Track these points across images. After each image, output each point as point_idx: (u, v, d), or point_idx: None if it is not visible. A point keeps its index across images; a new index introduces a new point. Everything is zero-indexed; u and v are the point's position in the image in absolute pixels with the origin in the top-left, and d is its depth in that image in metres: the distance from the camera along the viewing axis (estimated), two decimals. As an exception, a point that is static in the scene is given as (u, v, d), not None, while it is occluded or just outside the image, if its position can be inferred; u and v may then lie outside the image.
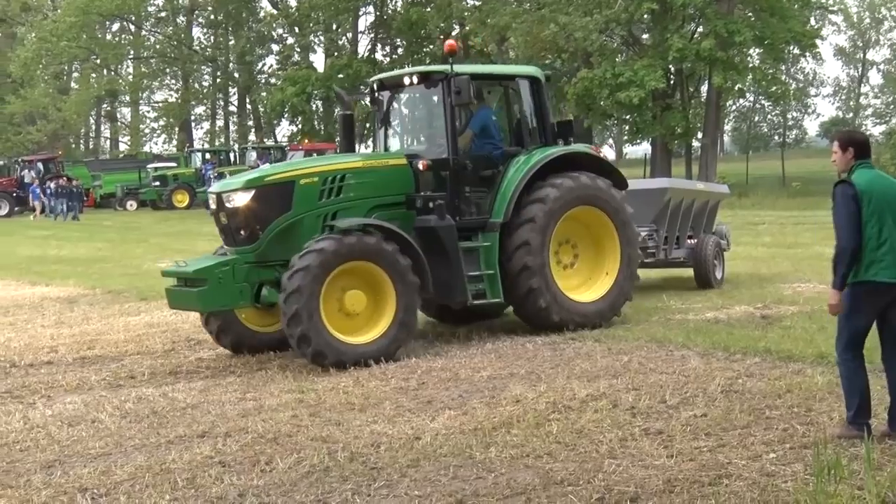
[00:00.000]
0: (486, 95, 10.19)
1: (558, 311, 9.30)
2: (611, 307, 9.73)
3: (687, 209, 12.44)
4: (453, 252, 8.89)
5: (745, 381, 7.08)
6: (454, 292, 9.00)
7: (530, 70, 10.28)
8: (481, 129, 9.68)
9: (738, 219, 24.98)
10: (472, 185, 9.41)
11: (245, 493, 4.98)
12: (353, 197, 8.92)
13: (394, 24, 51.18)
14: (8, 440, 6.24)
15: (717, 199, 13.51)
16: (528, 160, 9.46)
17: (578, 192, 9.49)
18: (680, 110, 38.84)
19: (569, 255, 9.82)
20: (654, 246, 11.97)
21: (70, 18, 47.50)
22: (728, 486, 4.83)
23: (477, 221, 9.30)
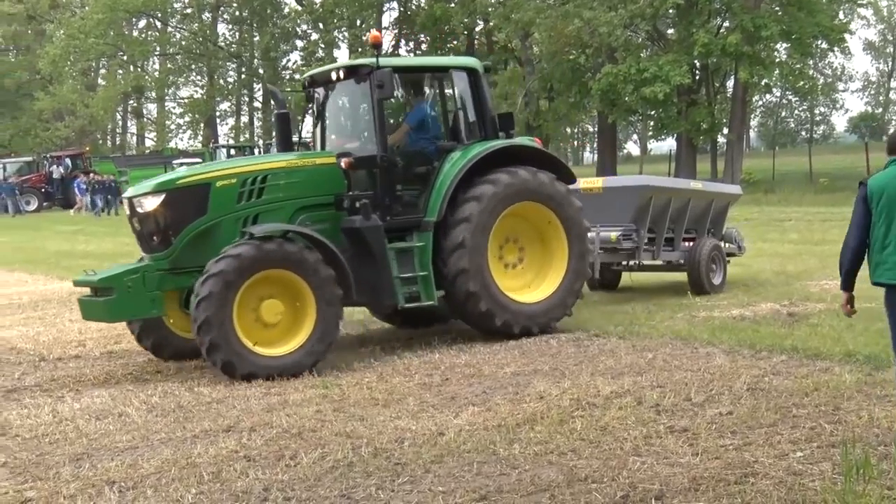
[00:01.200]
0: (424, 89, 9.72)
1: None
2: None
3: (680, 210, 11.73)
4: (380, 253, 8.46)
5: (772, 379, 7.03)
6: (382, 295, 8.60)
7: (467, 61, 9.78)
8: (417, 124, 9.29)
9: (763, 215, 24.80)
10: (406, 183, 8.99)
11: (270, 488, 5.01)
12: (276, 199, 8.49)
13: (417, 20, 51.18)
14: (37, 433, 6.31)
15: (725, 199, 12.72)
16: (464, 155, 9.00)
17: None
18: (705, 106, 38.59)
19: (514, 253, 9.40)
20: (633, 247, 11.32)
21: (98, 15, 47.88)
22: (754, 485, 4.80)
23: (411, 221, 8.85)
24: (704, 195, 12.22)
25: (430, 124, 9.37)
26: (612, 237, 11.08)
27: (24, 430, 6.39)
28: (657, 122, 42.07)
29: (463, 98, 9.56)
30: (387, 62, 8.77)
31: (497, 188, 8.89)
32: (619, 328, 9.39)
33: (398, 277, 8.55)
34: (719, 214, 12.47)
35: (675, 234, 11.83)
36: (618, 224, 11.15)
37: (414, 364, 8.16)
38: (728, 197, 12.88)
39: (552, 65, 40.89)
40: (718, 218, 12.46)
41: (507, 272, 9.27)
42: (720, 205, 12.47)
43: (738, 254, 12.67)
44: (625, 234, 11.20)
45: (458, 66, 9.56)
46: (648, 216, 11.34)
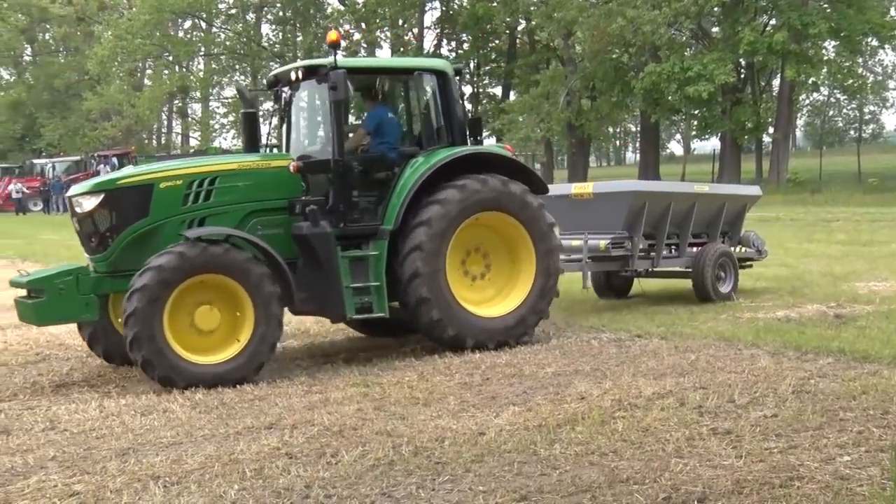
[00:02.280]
0: (385, 91, 9.16)
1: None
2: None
3: (683, 214, 11.18)
4: (329, 262, 8.09)
5: (818, 381, 6.92)
6: (331, 305, 8.22)
7: (435, 63, 9.24)
8: (376, 129, 8.82)
9: (810, 215, 24.46)
10: (364, 189, 8.57)
11: (311, 485, 5.04)
12: (225, 202, 8.15)
13: (459, 20, 51.19)
14: (85, 427, 6.42)
15: (741, 202, 12.03)
16: (426, 161, 8.55)
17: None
18: (750, 105, 38.20)
19: (479, 265, 8.94)
20: (626, 255, 10.79)
21: (144, 17, 48.60)
22: (800, 489, 4.73)
23: (368, 228, 8.45)
24: (712, 198, 11.65)
25: (391, 129, 8.88)
26: (601, 245, 10.60)
27: (72, 425, 6.50)
28: (701, 121, 41.71)
29: (430, 101, 9.07)
30: (345, 63, 8.38)
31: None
32: (662, 329, 9.31)
33: (350, 287, 8.16)
34: (736, 217, 11.93)
35: (679, 239, 11.35)
36: (609, 231, 10.71)
37: (454, 363, 8.16)
38: (744, 199, 12.18)
39: (594, 64, 40.71)
40: (735, 221, 11.94)
41: (471, 283, 8.87)
42: (735, 207, 11.88)
43: (757, 258, 12.07)
44: (615, 241, 10.67)
45: (425, 69, 9.03)
46: (642, 222, 10.76)
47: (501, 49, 54.88)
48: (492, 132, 52.06)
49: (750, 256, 11.89)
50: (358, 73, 8.86)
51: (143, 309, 7.28)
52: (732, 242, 11.80)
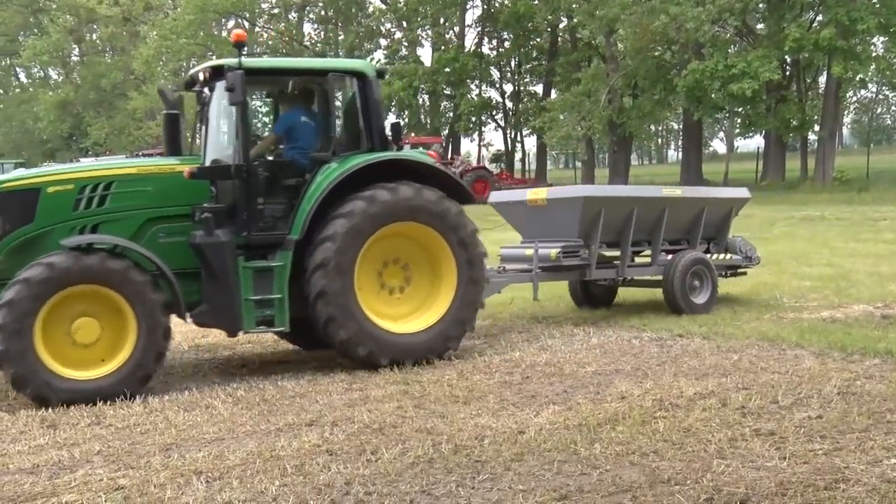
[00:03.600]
0: (298, 94, 8.63)
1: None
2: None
3: (651, 220, 10.46)
4: (224, 272, 7.67)
5: (864, 382, 6.81)
6: (226, 318, 7.80)
7: (353, 64, 8.73)
8: (287, 132, 8.41)
9: (856, 214, 24.04)
10: (273, 196, 8.10)
11: (351, 482, 5.07)
12: (121, 208, 7.76)
13: (500, 18, 51.12)
14: (129, 423, 6.52)
15: (725, 206, 11.19)
16: (339, 168, 8.02)
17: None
18: (796, 102, 37.68)
19: (398, 277, 8.39)
20: (581, 264, 10.12)
21: (189, 17, 49.21)
22: (845, 492, 4.66)
23: (275, 238, 7.95)
24: (686, 203, 10.82)
25: (303, 133, 8.41)
26: (551, 254, 9.95)
27: (117, 420, 6.61)
28: (745, 119, 41.25)
29: (347, 105, 8.63)
30: (250, 63, 7.98)
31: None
32: (703, 328, 9.22)
33: (251, 299, 7.72)
34: (720, 222, 11.18)
35: (651, 247, 10.65)
36: (563, 239, 10.09)
37: (494, 362, 8.16)
38: (728, 202, 11.29)
39: (636, 61, 40.42)
40: (720, 226, 11.19)
41: (390, 297, 8.36)
42: (718, 212, 11.09)
43: (745, 265, 11.28)
44: (566, 250, 10.00)
45: (340, 70, 8.49)
46: (599, 229, 10.05)
47: (543, 47, 54.72)
48: (532, 130, 51.97)
49: (737, 264, 11.18)
50: (266, 75, 8.50)
51: (11, 325, 6.89)
52: (719, 249, 11.16)
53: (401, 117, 55.13)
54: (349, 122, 8.57)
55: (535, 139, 54.67)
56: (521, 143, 59.03)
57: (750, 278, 12.94)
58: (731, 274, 11.26)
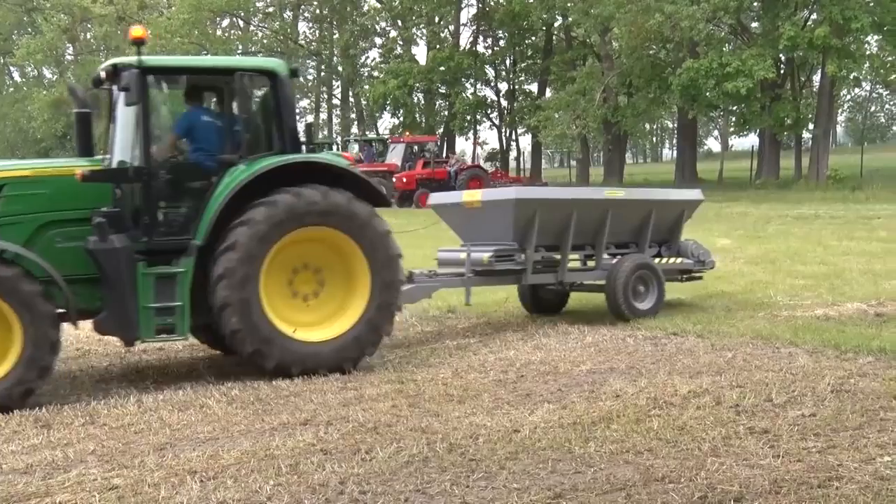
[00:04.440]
0: (204, 93, 8.37)
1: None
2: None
3: (594, 223, 10.07)
4: (119, 279, 7.36)
5: (858, 380, 6.83)
6: (122, 326, 7.49)
7: (263, 63, 8.44)
8: (190, 134, 8.11)
9: (850, 213, 24.10)
10: (177, 200, 7.87)
11: (346, 481, 5.07)
12: (13, 212, 7.42)
13: (495, 16, 51.14)
14: (123, 422, 6.51)
15: (675, 208, 10.82)
16: (246, 170, 7.71)
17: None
18: (790, 100, 37.74)
19: (310, 284, 8.06)
20: (516, 269, 9.72)
21: (183, 15, 49.17)
22: (839, 489, 4.67)
23: (178, 243, 7.65)
24: (631, 205, 10.43)
25: (209, 134, 8.10)
26: (483, 258, 9.59)
27: (111, 420, 6.59)
28: (739, 117, 41.29)
29: (257, 105, 8.36)
30: (151, 62, 7.70)
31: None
32: (698, 327, 9.24)
33: (151, 307, 7.43)
34: (671, 225, 10.78)
35: (595, 250, 10.28)
36: (497, 242, 9.70)
37: (489, 361, 8.16)
38: (678, 205, 10.90)
39: (632, 60, 40.47)
40: (672, 229, 10.79)
41: (302, 305, 8.05)
42: (668, 214, 10.71)
43: (699, 269, 10.88)
44: (499, 253, 9.61)
45: (248, 69, 8.12)
46: (534, 232, 9.66)
47: (538, 46, 54.75)
48: (527, 129, 52.01)
49: (689, 268, 10.79)
50: (170, 74, 8.21)
51: None
52: (670, 253, 10.80)
53: (396, 116, 55.18)
54: (260, 123, 8.27)
55: (530, 138, 54.68)
56: (516, 142, 59.08)
57: (744, 276, 12.98)
58: (686, 278, 10.94)
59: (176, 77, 8.33)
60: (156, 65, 7.88)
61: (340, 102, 63.58)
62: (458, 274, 9.84)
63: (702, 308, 10.56)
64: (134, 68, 7.42)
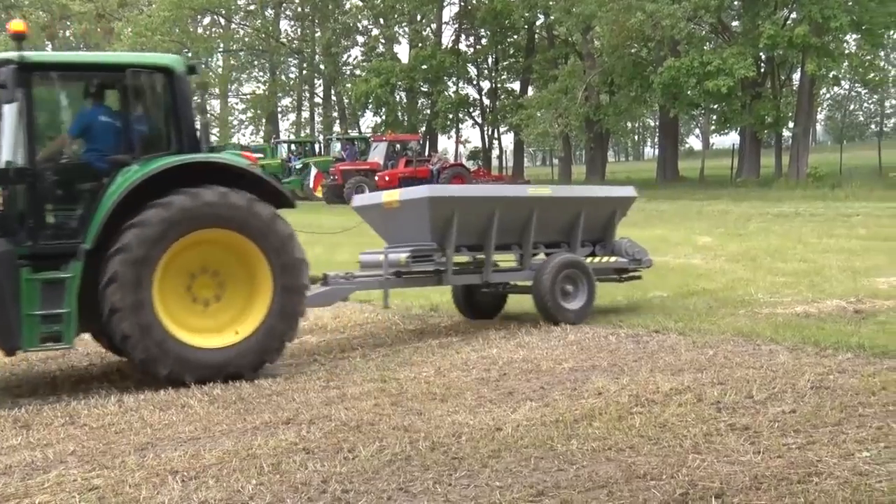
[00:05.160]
0: (96, 91, 7.96)
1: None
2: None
3: (519, 222, 9.73)
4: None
5: (837, 377, 6.88)
6: (3, 335, 7.06)
7: (158, 60, 8.05)
8: (82, 133, 7.78)
9: (830, 210, 24.28)
10: (66, 202, 7.52)
11: (328, 480, 5.06)
12: None
13: (478, 15, 51.17)
14: (104, 422, 6.47)
15: (607, 206, 10.47)
16: (140, 170, 7.41)
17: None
18: (770, 99, 37.96)
19: (210, 288, 7.73)
20: (435, 270, 9.37)
21: (164, 13, 48.91)
22: (818, 485, 4.71)
23: (67, 247, 7.27)
24: (559, 203, 10.12)
25: (102, 133, 7.75)
26: (401, 259, 9.24)
27: (91, 420, 6.55)
28: (720, 115, 41.51)
29: (153, 103, 7.98)
30: (36, 57, 7.38)
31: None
32: (680, 324, 9.28)
33: (36, 314, 7.06)
34: (605, 223, 10.43)
35: (522, 250, 9.91)
36: (415, 243, 9.37)
37: (472, 359, 8.17)
38: (610, 203, 10.54)
39: (613, 58, 40.62)
40: (606, 228, 10.45)
41: (203, 310, 7.73)
42: (600, 213, 10.36)
43: (633, 269, 10.61)
44: (416, 254, 9.27)
45: (142, 65, 7.80)
46: (453, 232, 9.31)
47: (520, 44, 54.83)
48: (509, 127, 52.07)
49: (623, 267, 10.50)
50: (57, 70, 7.78)
51: None
52: (605, 252, 10.46)
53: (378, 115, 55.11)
54: (156, 122, 7.96)
55: (513, 136, 54.76)
56: (498, 141, 59.14)
57: (725, 274, 13.05)
58: (625, 278, 10.72)
59: (67, 74, 7.89)
60: (39, 61, 7.49)
61: (322, 101, 63.40)
62: (376, 275, 9.48)
63: (683, 305, 10.61)
64: (12, 64, 7.10)
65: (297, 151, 45.48)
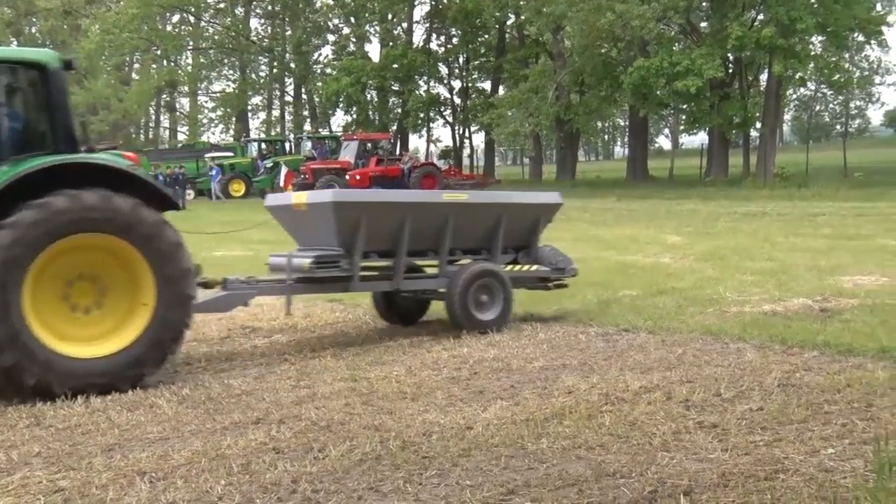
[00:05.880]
0: None
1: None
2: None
3: (433, 228, 9.29)
4: None
5: (803, 374, 6.96)
6: None
7: (29, 54, 7.63)
8: None
9: (796, 210, 24.57)
10: None
11: (298, 480, 5.03)
12: None
13: (449, 14, 51.21)
14: (70, 423, 6.39)
15: (529, 213, 10.05)
16: (9, 171, 7.06)
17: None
18: (738, 99, 38.35)
19: (89, 295, 7.31)
20: (342, 276, 8.93)
21: (132, 10, 48.48)
22: (784, 482, 4.75)
23: None
24: (477, 209, 9.70)
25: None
26: (304, 265, 8.82)
27: (57, 421, 6.47)
28: (689, 115, 41.89)
29: (23, 101, 7.64)
30: None
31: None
32: (649, 323, 9.34)
33: None
34: (528, 230, 10.00)
35: (439, 257, 9.47)
36: (321, 248, 9.02)
37: (443, 358, 8.17)
38: (533, 209, 10.12)
39: (583, 58, 40.82)
40: (529, 235, 10.01)
41: (82, 318, 7.32)
42: (521, 219, 9.93)
43: (557, 277, 10.19)
44: (321, 260, 8.86)
45: (11, 60, 7.42)
46: (360, 237, 8.88)
47: (491, 44, 54.94)
48: (480, 126, 52.14)
49: (546, 275, 10.09)
50: None
51: None
52: (528, 260, 10.06)
53: (349, 113, 54.97)
54: (28, 120, 7.59)
55: (484, 135, 54.84)
56: (469, 140, 59.22)
57: (694, 273, 13.15)
58: (552, 286, 10.31)
59: None
60: None
61: (293, 100, 63.15)
62: (279, 280, 9.09)
63: (653, 304, 10.67)
64: None
65: (267, 150, 45.26)
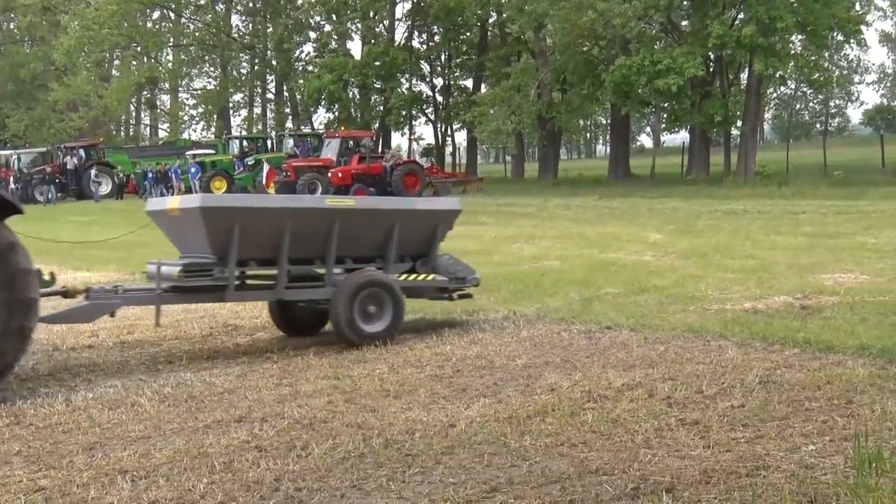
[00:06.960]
0: None
1: None
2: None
3: (318, 235, 8.80)
4: None
5: (784, 372, 7.00)
6: None
7: None
8: None
9: (777, 208, 24.72)
10: None
11: (281, 478, 5.02)
12: None
13: (430, 12, 51.16)
14: (51, 422, 6.35)
15: (426, 219, 9.58)
16: None
17: None
18: (719, 98, 38.53)
19: None
20: (215, 285, 8.46)
21: (112, 6, 48.15)
22: (766, 478, 4.78)
23: None
24: (364, 216, 9.23)
25: None
26: (174, 273, 8.39)
27: (37, 420, 6.43)
28: (671, 114, 42.04)
29: None
30: None
31: None
32: (631, 321, 9.37)
33: None
34: (426, 238, 9.53)
35: (325, 265, 8.98)
36: (195, 255, 8.61)
37: (425, 356, 8.17)
38: (430, 216, 9.65)
39: (565, 57, 40.92)
40: (428, 243, 9.55)
41: None
42: (417, 227, 9.47)
43: (456, 287, 9.74)
44: (191, 268, 8.41)
45: None
46: (234, 244, 8.38)
47: (473, 41, 54.95)
48: (463, 124, 52.14)
49: (444, 285, 9.62)
50: None
51: None
52: (427, 269, 9.59)
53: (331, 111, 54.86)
54: None
55: (466, 133, 54.85)
56: (451, 138, 59.21)
57: (676, 271, 13.20)
58: (459, 296, 9.90)
59: None
60: None
61: (275, 97, 62.91)
62: (147, 290, 8.77)
63: (635, 302, 10.71)
64: None
65: (249, 148, 45.09)
